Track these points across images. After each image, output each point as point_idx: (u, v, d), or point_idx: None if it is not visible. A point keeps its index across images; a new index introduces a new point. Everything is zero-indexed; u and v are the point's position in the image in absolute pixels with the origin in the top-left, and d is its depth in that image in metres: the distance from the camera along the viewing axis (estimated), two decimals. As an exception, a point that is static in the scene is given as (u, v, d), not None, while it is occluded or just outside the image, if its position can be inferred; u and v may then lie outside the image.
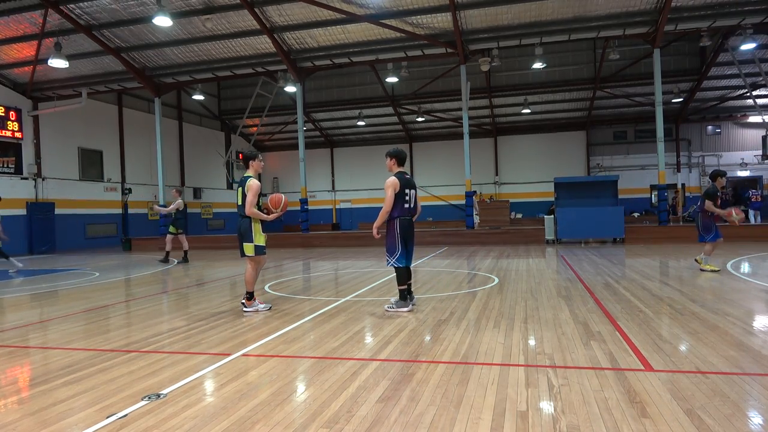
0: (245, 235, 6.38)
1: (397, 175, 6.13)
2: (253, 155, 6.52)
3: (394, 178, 6.07)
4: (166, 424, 2.99)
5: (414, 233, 6.30)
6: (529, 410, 3.05)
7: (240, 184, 6.41)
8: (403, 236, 6.12)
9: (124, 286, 9.96)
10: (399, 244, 6.10)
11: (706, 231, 9.14)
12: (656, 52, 17.48)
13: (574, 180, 19.00)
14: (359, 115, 29.79)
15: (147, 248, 20.96)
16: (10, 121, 20.22)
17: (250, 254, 6.40)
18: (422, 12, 17.39)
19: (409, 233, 6.17)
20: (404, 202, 6.09)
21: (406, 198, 6.09)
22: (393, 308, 6.16)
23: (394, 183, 6.02)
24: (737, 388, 3.32)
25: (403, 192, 6.06)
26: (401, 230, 6.11)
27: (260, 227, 6.44)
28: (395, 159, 6.25)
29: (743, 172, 28.50)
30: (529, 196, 30.85)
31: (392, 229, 6.14)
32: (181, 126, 28.99)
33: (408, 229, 6.16)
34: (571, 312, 5.86)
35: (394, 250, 6.12)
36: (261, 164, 6.59)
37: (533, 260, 12.04)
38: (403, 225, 6.12)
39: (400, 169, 6.22)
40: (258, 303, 6.52)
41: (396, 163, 6.23)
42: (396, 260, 6.10)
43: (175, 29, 18.70)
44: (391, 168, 6.27)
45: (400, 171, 6.20)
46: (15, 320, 6.50)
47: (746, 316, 5.46)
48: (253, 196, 6.26)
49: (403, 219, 6.12)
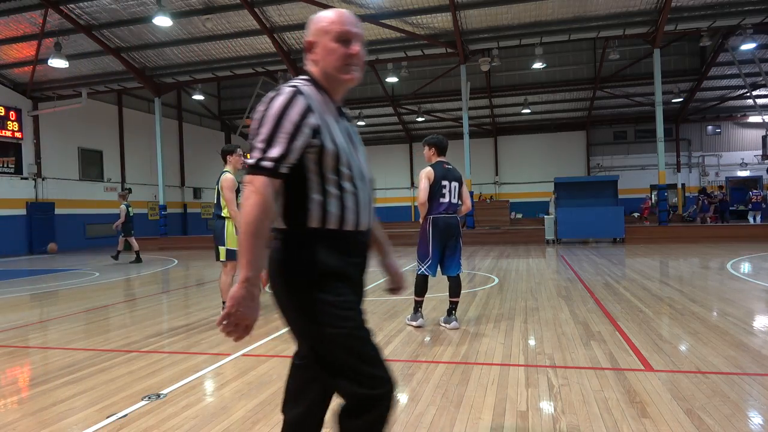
0: (219, 237, 5.82)
1: (434, 165, 5.28)
2: (230, 149, 5.93)
3: (429, 168, 5.24)
4: (166, 424, 2.99)
5: (459, 233, 5.28)
6: (529, 410, 3.05)
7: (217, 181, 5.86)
8: (438, 239, 5.16)
9: (124, 286, 9.96)
10: (431, 248, 5.16)
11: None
12: (656, 52, 17.47)
13: (574, 180, 19.01)
14: (359, 115, 29.79)
15: (147, 248, 20.94)
16: (10, 121, 20.21)
17: (222, 259, 5.84)
18: (422, 12, 17.39)
19: (446, 234, 5.17)
20: (440, 196, 5.17)
21: (443, 191, 5.18)
22: (408, 320, 5.47)
23: (429, 173, 5.19)
24: (737, 388, 3.32)
25: (438, 184, 5.17)
26: (434, 231, 5.16)
27: (234, 229, 5.82)
28: (434, 148, 5.36)
29: (743, 172, 28.50)
30: (529, 196, 30.86)
31: (423, 230, 5.25)
32: (181, 126, 28.99)
33: (445, 230, 5.16)
34: (571, 312, 5.86)
35: (425, 256, 5.20)
36: (240, 159, 5.91)
37: (533, 260, 12.04)
38: (437, 225, 5.16)
39: (440, 159, 5.34)
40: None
41: (436, 153, 5.36)
42: (427, 268, 5.20)
43: (175, 29, 18.69)
44: (429, 158, 5.40)
45: (439, 161, 5.33)
46: (15, 320, 6.50)
47: (746, 316, 5.46)
48: (229, 192, 5.68)
49: (438, 218, 5.17)
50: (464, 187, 5.40)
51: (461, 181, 5.34)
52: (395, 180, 32.48)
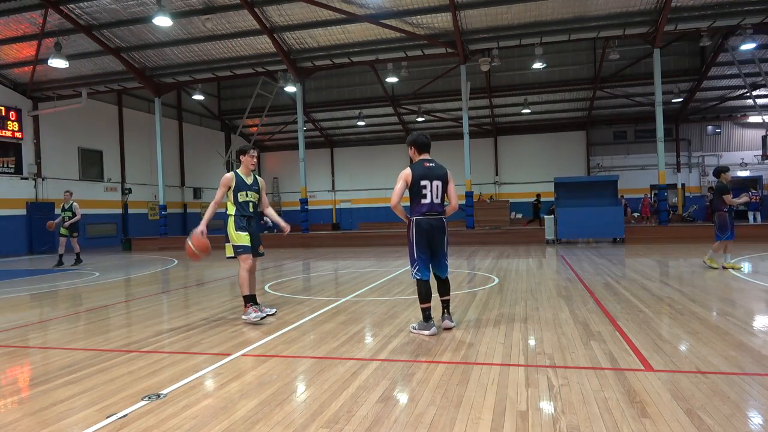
0: (226, 235, 5.94)
1: (415, 164, 5.05)
2: (243, 149, 6.08)
3: (407, 169, 5.00)
4: (166, 424, 2.99)
5: (443, 236, 5.05)
6: (529, 410, 3.05)
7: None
8: (422, 241, 4.95)
9: (124, 286, 9.96)
10: (416, 251, 4.96)
11: (721, 230, 9.12)
12: (656, 52, 17.48)
13: (574, 180, 19.01)
14: (359, 115, 29.80)
15: (147, 248, 20.97)
16: (10, 121, 20.23)
17: (229, 255, 5.92)
18: (422, 12, 17.40)
19: (430, 236, 4.95)
20: (420, 197, 4.94)
21: (423, 192, 4.93)
22: (416, 329, 5.05)
23: (405, 174, 4.96)
24: (737, 388, 3.32)
25: (418, 185, 4.92)
26: (417, 234, 4.94)
27: (233, 225, 5.85)
28: (413, 146, 5.12)
29: (743, 172, 28.51)
30: (529, 196, 30.84)
31: (408, 233, 5.05)
32: (181, 126, 29.01)
33: (428, 231, 4.94)
34: (571, 312, 5.86)
35: (413, 260, 5.01)
36: (253, 159, 6.04)
37: (533, 260, 12.04)
38: (421, 227, 4.93)
39: (422, 157, 5.08)
40: (252, 311, 5.72)
41: (416, 151, 5.11)
42: (416, 272, 4.99)
43: (175, 29, 18.70)
44: (413, 158, 5.17)
45: (420, 159, 5.07)
46: (15, 320, 6.50)
47: (746, 316, 5.46)
48: (219, 188, 5.91)
49: (420, 219, 4.95)
50: (450, 185, 5.11)
51: (446, 179, 5.04)
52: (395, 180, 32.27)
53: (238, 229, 5.87)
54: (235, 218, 5.88)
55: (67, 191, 14.34)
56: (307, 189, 21.79)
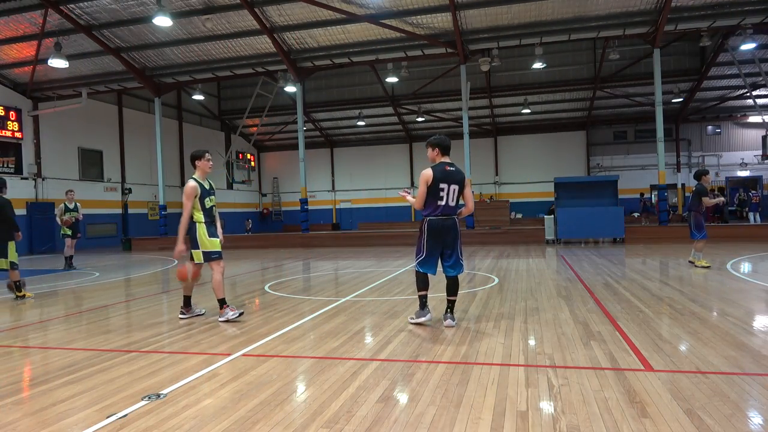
0: (192, 241, 5.87)
1: (436, 166, 5.21)
2: (198, 154, 5.98)
3: (428, 170, 5.17)
4: (166, 424, 2.99)
5: (456, 235, 5.29)
6: (529, 410, 3.05)
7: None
8: (431, 239, 5.22)
9: (124, 286, 9.96)
10: (424, 246, 5.24)
11: (698, 229, 9.50)
12: (656, 52, 17.48)
13: (574, 180, 19.00)
14: (359, 115, 29.79)
15: (147, 248, 20.97)
16: (10, 121, 20.22)
17: (198, 261, 5.94)
18: (422, 12, 17.39)
19: (441, 235, 5.21)
20: (437, 199, 5.15)
21: (440, 194, 5.14)
22: (413, 319, 5.45)
23: (427, 176, 5.14)
24: (737, 388, 3.32)
25: (436, 186, 5.13)
26: (429, 231, 5.21)
27: (206, 232, 5.86)
28: (438, 148, 5.27)
29: (743, 172, 28.51)
30: (529, 196, 30.88)
31: (420, 229, 5.36)
32: (181, 126, 29.00)
33: (440, 231, 5.19)
34: (571, 312, 5.86)
35: (419, 251, 5.33)
36: (209, 164, 5.97)
37: (533, 260, 12.04)
38: (433, 226, 5.19)
39: (443, 159, 5.27)
40: (229, 310, 5.89)
41: (439, 153, 5.27)
42: (418, 264, 5.31)
43: (175, 29, 18.70)
44: (433, 159, 5.32)
45: (442, 162, 5.25)
46: (15, 320, 6.50)
47: (746, 316, 5.46)
48: (187, 200, 5.76)
49: (433, 219, 5.19)
50: (467, 189, 5.36)
51: (463, 184, 5.25)
52: (395, 180, 32.48)
53: (210, 236, 5.93)
54: (206, 225, 5.90)
55: (71, 190, 14.29)
56: (307, 189, 21.79)
